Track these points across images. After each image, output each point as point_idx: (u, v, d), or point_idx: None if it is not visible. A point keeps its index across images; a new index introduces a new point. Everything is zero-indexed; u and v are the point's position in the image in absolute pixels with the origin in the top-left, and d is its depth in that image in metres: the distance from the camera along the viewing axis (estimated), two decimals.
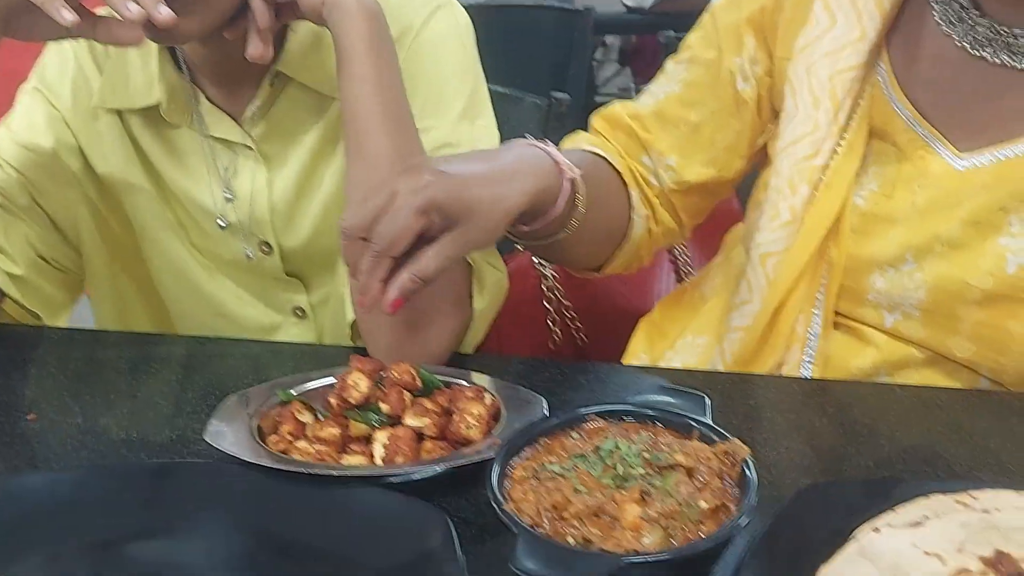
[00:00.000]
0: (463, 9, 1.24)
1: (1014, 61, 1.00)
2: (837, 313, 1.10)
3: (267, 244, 1.24)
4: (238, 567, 0.77)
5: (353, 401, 0.89)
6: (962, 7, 1.02)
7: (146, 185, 1.25)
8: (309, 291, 1.28)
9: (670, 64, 1.26)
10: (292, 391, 0.96)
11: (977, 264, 0.90)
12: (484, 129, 1.19)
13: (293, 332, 1.29)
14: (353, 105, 1.06)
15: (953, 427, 0.94)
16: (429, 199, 0.90)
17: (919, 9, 1.07)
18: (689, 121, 1.21)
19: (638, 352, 1.31)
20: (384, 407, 0.90)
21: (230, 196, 1.21)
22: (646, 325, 1.34)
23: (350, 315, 1.12)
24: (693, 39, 1.24)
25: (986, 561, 0.66)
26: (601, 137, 1.27)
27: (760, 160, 1.22)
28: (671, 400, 0.88)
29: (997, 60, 1.01)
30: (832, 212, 1.07)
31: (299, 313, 1.29)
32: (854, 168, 1.07)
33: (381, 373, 0.92)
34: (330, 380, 0.98)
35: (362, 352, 1.09)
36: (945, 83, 1.05)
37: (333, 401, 0.93)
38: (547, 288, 1.58)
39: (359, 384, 0.89)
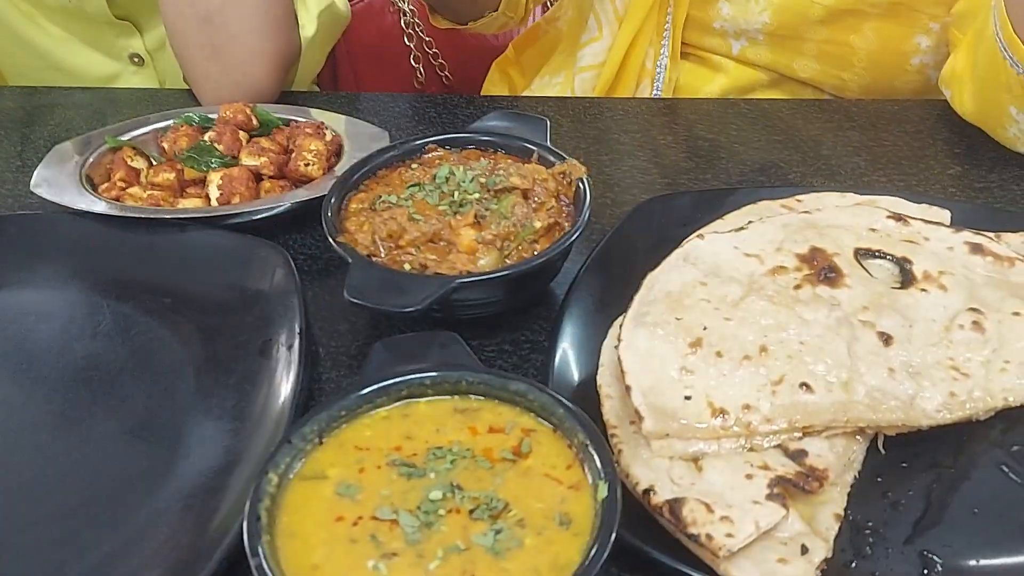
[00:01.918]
0: None
1: None
2: (684, 44, 1.08)
3: None
4: (78, 312, 0.76)
5: (184, 144, 0.85)
6: None
7: None
8: (144, 34, 1.20)
9: None
10: (125, 136, 0.92)
11: None
12: None
13: (133, 81, 1.22)
14: None
15: (790, 137, 0.96)
16: None
17: None
18: None
19: (493, 93, 1.28)
20: (219, 148, 0.87)
21: None
22: (500, 65, 1.31)
23: None
24: None
25: (801, 257, 0.69)
26: None
27: None
28: (512, 125, 0.87)
29: None
30: None
31: (136, 60, 1.21)
32: None
33: (210, 115, 0.88)
34: (167, 123, 0.94)
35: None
36: None
37: (166, 145, 0.89)
38: (407, 25, 1.51)
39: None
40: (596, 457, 0.53)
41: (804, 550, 0.52)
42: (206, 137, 0.88)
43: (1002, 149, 0.91)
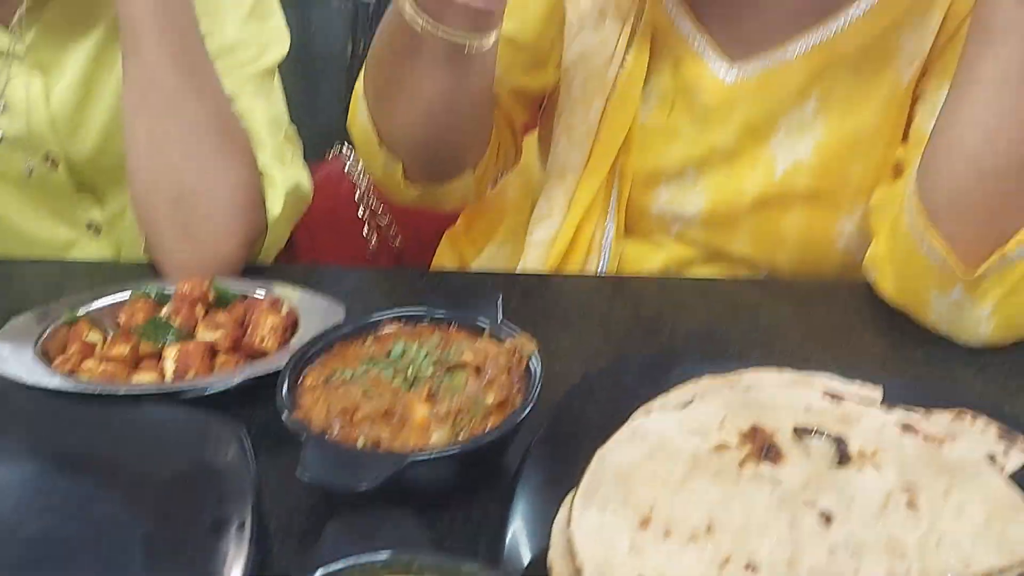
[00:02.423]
0: None
1: None
2: (628, 222, 1.14)
3: (51, 157, 1.18)
4: (29, 488, 0.76)
5: (140, 318, 0.87)
6: None
7: None
8: (103, 204, 1.23)
9: None
10: (81, 310, 0.93)
11: (750, 170, 0.94)
12: (274, 30, 1.16)
13: (89, 249, 1.24)
14: (128, 7, 1.02)
15: (731, 312, 1.01)
16: None
17: None
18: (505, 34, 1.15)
19: (444, 264, 1.32)
20: (176, 322, 0.89)
21: (1, 107, 1.14)
22: (450, 237, 1.36)
23: None
24: None
25: (743, 435, 0.72)
26: None
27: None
28: (465, 301, 0.90)
29: None
30: (624, 126, 1.09)
31: (94, 229, 1.23)
32: (640, 82, 1.09)
33: (167, 290, 0.91)
34: (125, 297, 0.96)
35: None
36: None
37: (122, 319, 0.91)
38: (361, 195, 1.57)
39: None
40: None
41: None
42: (163, 312, 0.90)
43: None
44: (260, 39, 1.14)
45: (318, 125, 1.63)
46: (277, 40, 1.16)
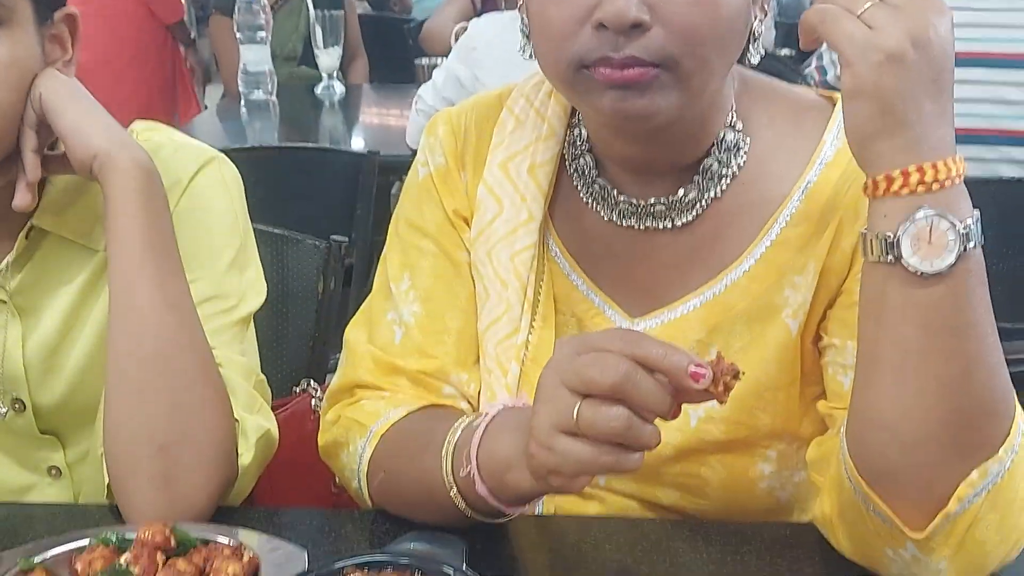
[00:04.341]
0: (231, 164, 1.27)
1: (657, 223, 1.07)
2: None
3: (20, 401, 1.18)
4: None
5: (99, 566, 0.86)
6: (600, 187, 1.09)
7: None
8: (66, 449, 1.22)
9: (394, 291, 1.16)
10: (37, 557, 0.91)
11: (665, 423, 0.95)
12: (252, 281, 1.21)
13: (48, 493, 1.22)
14: (122, 260, 1.06)
15: (692, 558, 1.01)
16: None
17: (570, 188, 1.13)
18: (450, 329, 1.14)
19: None
20: (135, 570, 0.87)
21: None
22: None
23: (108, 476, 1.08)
24: (402, 259, 1.16)
25: None
26: (395, 394, 1.13)
27: None
28: (429, 547, 0.90)
29: (643, 226, 1.07)
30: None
31: (54, 473, 1.22)
32: (551, 341, 1.10)
33: (128, 535, 0.90)
34: (83, 543, 0.94)
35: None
36: (606, 253, 1.10)
37: (79, 567, 0.89)
38: None
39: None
40: None
41: None
42: (122, 560, 0.89)
43: None
44: (239, 289, 1.18)
45: (286, 361, 1.66)
46: (255, 291, 1.21)
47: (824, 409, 1.04)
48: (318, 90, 4.07)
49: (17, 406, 1.18)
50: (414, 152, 1.24)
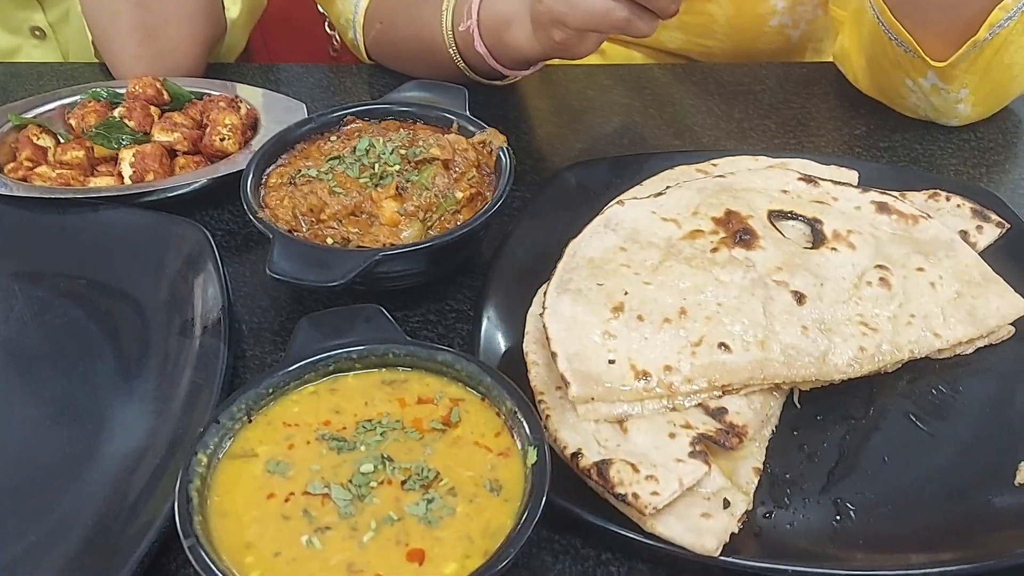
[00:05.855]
0: None
1: None
2: None
3: None
4: None
5: (92, 120, 0.83)
6: None
7: None
8: (46, 8, 1.16)
9: None
10: (29, 114, 0.89)
11: None
12: None
13: (35, 55, 1.18)
14: None
15: (702, 102, 0.98)
16: None
17: None
18: None
19: None
20: (130, 124, 0.85)
21: None
22: None
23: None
24: None
25: (717, 221, 0.71)
26: None
27: None
28: (430, 95, 0.87)
29: None
30: None
31: (38, 33, 1.17)
32: None
33: (119, 90, 0.86)
34: (74, 99, 0.91)
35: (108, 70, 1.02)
36: None
37: (73, 122, 0.87)
38: None
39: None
40: (525, 423, 0.54)
41: (726, 504, 0.54)
42: (115, 113, 0.86)
43: None
44: None
45: None
46: None
47: None
48: None
49: None
50: None
